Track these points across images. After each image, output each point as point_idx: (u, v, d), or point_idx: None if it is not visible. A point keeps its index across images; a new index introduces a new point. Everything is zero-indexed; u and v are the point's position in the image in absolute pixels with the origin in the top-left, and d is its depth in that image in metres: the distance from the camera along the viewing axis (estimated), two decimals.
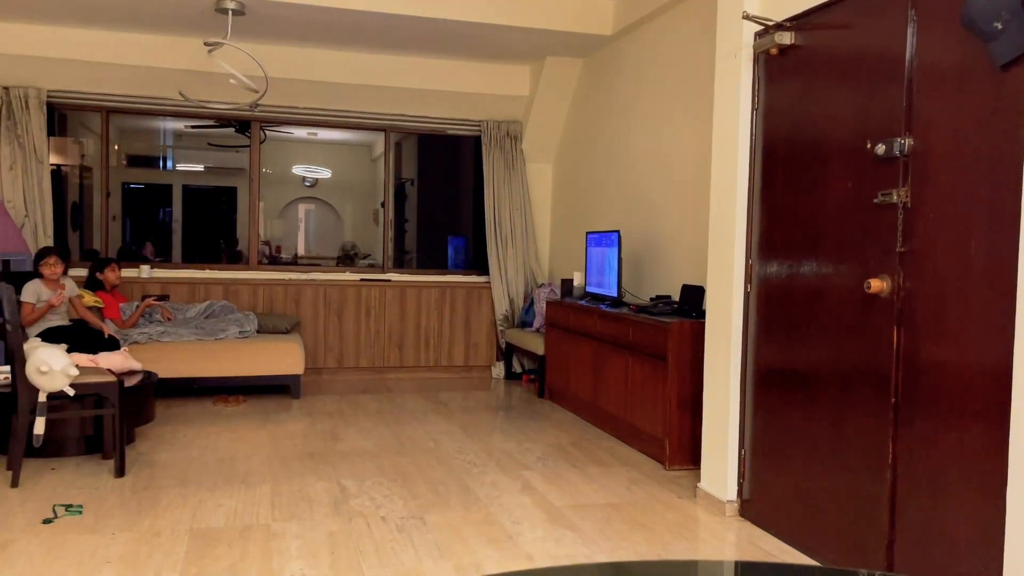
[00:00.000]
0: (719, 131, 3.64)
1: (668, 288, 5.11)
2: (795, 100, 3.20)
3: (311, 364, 6.94)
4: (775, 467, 3.29)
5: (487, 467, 4.22)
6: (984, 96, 2.34)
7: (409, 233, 9.90)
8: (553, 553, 3.07)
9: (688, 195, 4.92)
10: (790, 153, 3.23)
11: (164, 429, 4.93)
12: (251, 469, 4.10)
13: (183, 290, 6.66)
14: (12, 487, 3.71)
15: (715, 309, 3.65)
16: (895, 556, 2.65)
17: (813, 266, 3.07)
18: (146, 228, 10.33)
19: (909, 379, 2.59)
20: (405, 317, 7.20)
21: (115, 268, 5.93)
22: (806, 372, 3.09)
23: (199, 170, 10.57)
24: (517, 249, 7.23)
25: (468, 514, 3.48)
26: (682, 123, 5.02)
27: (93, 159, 7.81)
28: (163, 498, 3.60)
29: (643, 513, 3.55)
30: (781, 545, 3.20)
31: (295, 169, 10.78)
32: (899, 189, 2.63)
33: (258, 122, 7.02)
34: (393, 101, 6.93)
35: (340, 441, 4.72)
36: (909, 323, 2.60)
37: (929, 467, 2.51)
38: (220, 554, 2.97)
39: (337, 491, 3.76)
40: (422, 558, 2.98)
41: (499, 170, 7.24)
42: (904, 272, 2.62)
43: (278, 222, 10.92)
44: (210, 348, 5.79)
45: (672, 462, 4.24)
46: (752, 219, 3.46)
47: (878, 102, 2.74)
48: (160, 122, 9.76)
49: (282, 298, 6.89)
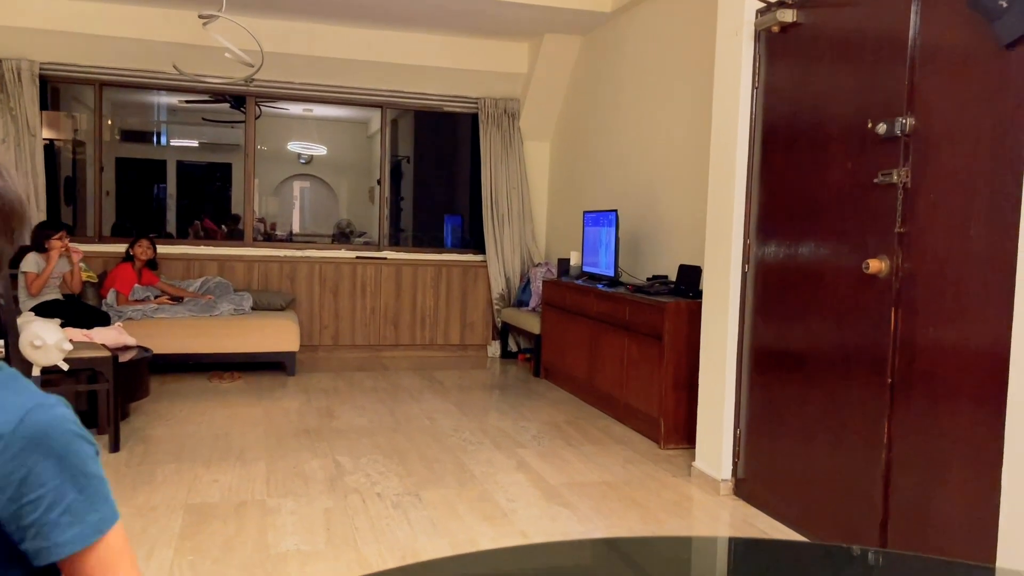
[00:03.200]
0: (719, 110, 3.61)
1: (665, 268, 5.10)
2: (796, 79, 3.18)
3: (306, 341, 6.93)
4: (770, 447, 3.30)
5: (482, 445, 4.23)
6: (987, 76, 2.32)
7: (405, 211, 9.86)
8: (548, 530, 3.08)
9: (686, 174, 4.89)
10: (790, 132, 3.21)
11: (159, 405, 4.92)
12: (246, 445, 4.10)
13: (178, 266, 6.63)
14: None
15: (712, 289, 3.64)
16: (888, 535, 2.66)
17: (812, 246, 3.06)
18: (139, 204, 10.27)
19: (906, 360, 2.59)
20: (401, 295, 7.18)
21: (143, 244, 5.96)
22: (802, 352, 3.09)
23: (193, 146, 10.49)
24: (514, 228, 7.20)
25: (463, 491, 3.48)
26: (681, 102, 4.99)
27: (86, 133, 7.74)
28: (158, 473, 3.60)
29: (638, 491, 3.56)
30: (775, 524, 3.22)
31: (290, 146, 10.71)
32: (899, 169, 2.62)
33: (253, 97, 6.96)
34: (390, 77, 6.87)
35: (335, 418, 4.73)
36: (907, 304, 2.59)
37: (924, 447, 2.51)
38: (215, 529, 2.98)
39: (332, 468, 3.76)
40: (417, 534, 2.99)
41: (496, 148, 7.20)
42: (903, 253, 2.61)
43: (273, 199, 10.87)
44: (205, 324, 5.77)
45: (667, 441, 4.25)
46: (751, 199, 3.45)
47: (880, 81, 2.72)
48: (154, 96, 9.68)
49: (277, 275, 6.87)
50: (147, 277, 6.07)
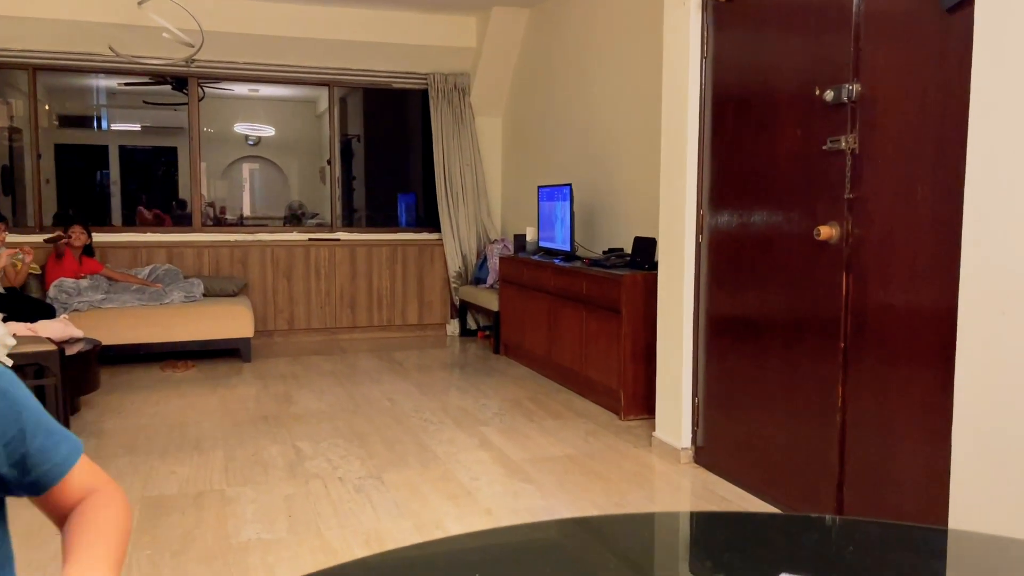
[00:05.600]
0: (668, 80, 3.61)
1: (621, 241, 5.12)
2: (745, 48, 3.18)
3: (261, 327, 6.82)
4: (728, 414, 3.34)
5: (444, 424, 4.22)
6: (930, 41, 2.34)
7: (357, 191, 9.72)
8: (512, 506, 3.09)
9: (639, 146, 4.90)
10: (740, 101, 3.21)
11: (110, 397, 4.81)
12: (203, 435, 4.03)
13: (124, 254, 6.46)
14: None
15: (667, 260, 3.66)
16: (845, 497, 2.72)
17: (763, 214, 3.08)
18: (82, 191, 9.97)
19: (858, 324, 2.63)
20: (356, 277, 7.11)
21: (75, 230, 5.81)
22: (757, 320, 3.13)
23: (136, 130, 10.20)
24: (468, 205, 7.16)
25: (426, 472, 3.47)
26: (631, 73, 4.98)
27: (22, 120, 7.46)
28: (112, 467, 3.52)
29: (600, 464, 3.59)
30: (735, 490, 3.27)
31: (237, 127, 10.47)
32: (847, 136, 2.64)
33: (195, 78, 6.78)
34: (336, 54, 6.74)
35: (294, 403, 4.67)
36: (858, 269, 2.63)
37: (877, 410, 2.56)
38: (174, 522, 2.92)
39: (292, 454, 3.72)
40: (381, 517, 2.97)
41: (447, 124, 7.12)
42: (853, 218, 2.64)
43: (221, 183, 10.64)
44: (155, 313, 5.65)
45: (627, 412, 4.28)
46: (703, 169, 3.46)
47: (826, 48, 2.74)
48: (92, 80, 9.36)
49: (228, 260, 6.74)
50: (89, 265, 5.90)
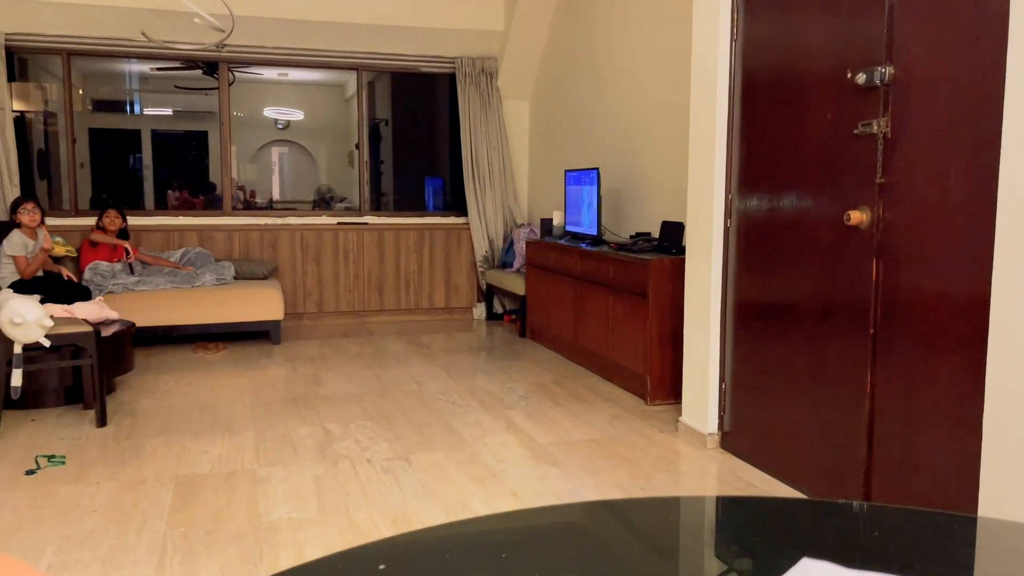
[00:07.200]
0: (698, 63, 3.58)
1: (648, 225, 5.10)
2: (775, 30, 3.14)
3: (290, 310, 6.90)
4: (755, 399, 3.33)
5: (470, 407, 4.25)
6: (965, 22, 2.30)
7: (385, 175, 9.77)
8: (537, 489, 3.12)
9: (668, 130, 4.86)
10: (770, 84, 3.18)
11: (144, 378, 4.90)
12: (234, 416, 4.10)
13: (157, 238, 6.55)
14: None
15: (695, 245, 3.64)
16: (872, 483, 2.71)
17: (793, 199, 3.05)
18: (115, 175, 10.11)
19: (888, 310, 2.61)
20: (384, 260, 7.15)
21: (110, 214, 5.88)
22: (786, 305, 3.11)
23: (168, 114, 10.31)
24: (495, 189, 7.16)
25: (453, 454, 3.51)
26: (661, 55, 4.93)
27: (57, 104, 7.58)
28: (146, 446, 3.60)
29: (625, 448, 3.60)
30: (761, 475, 3.26)
31: (266, 111, 10.55)
32: (879, 119, 2.60)
33: (226, 63, 6.83)
34: (364, 38, 6.76)
35: (322, 385, 4.73)
36: (888, 254, 2.60)
37: (907, 396, 2.54)
38: (206, 500, 2.98)
39: (321, 435, 3.77)
40: (408, 498, 3.01)
41: (475, 108, 7.12)
42: (884, 203, 2.61)
43: (251, 166, 10.74)
44: (187, 296, 5.73)
45: (653, 397, 4.28)
46: (732, 153, 3.43)
47: (859, 30, 2.70)
48: (124, 65, 9.48)
49: (258, 244, 6.81)
50: (123, 248, 5.99)
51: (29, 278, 5.05)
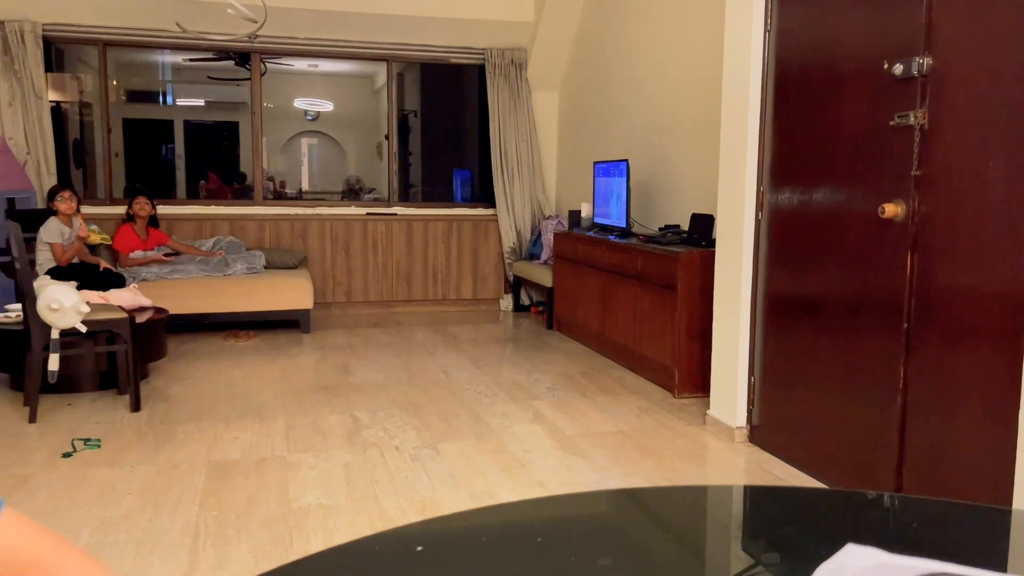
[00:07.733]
0: (730, 54, 3.54)
1: (677, 218, 5.07)
2: (810, 19, 3.11)
3: (320, 299, 6.96)
4: (785, 393, 3.31)
5: (498, 397, 4.26)
6: (1005, 12, 2.26)
7: (414, 166, 9.80)
8: (565, 480, 3.12)
9: (697, 122, 4.83)
10: (804, 75, 3.15)
11: (177, 364, 4.97)
12: (264, 403, 4.15)
13: (189, 226, 6.64)
14: (30, 423, 3.76)
15: (725, 237, 3.62)
16: (904, 478, 2.68)
17: (826, 191, 3.02)
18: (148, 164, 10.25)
19: (922, 304, 2.58)
20: (412, 251, 7.18)
21: (139, 200, 5.96)
22: (817, 298, 3.08)
23: (200, 105, 10.42)
24: (524, 180, 7.16)
25: (480, 443, 3.52)
26: (692, 47, 4.90)
27: (92, 95, 7.70)
28: (179, 431, 3.66)
29: (653, 440, 3.59)
30: (790, 469, 3.25)
31: (296, 102, 10.63)
32: (916, 111, 2.57)
33: (257, 54, 6.89)
34: (394, 29, 6.78)
35: (351, 374, 4.77)
36: (923, 248, 2.57)
37: (940, 390, 2.51)
38: (238, 485, 3.03)
39: (350, 423, 3.81)
40: (436, 486, 3.03)
41: (504, 100, 7.12)
42: (919, 196, 2.58)
43: (281, 157, 10.83)
44: (219, 284, 5.80)
45: (681, 390, 4.27)
46: (764, 144, 3.40)
47: (896, 20, 2.66)
48: (158, 56, 9.59)
49: (288, 233, 6.87)
50: (156, 236, 6.08)
51: (65, 265, 5.14)
